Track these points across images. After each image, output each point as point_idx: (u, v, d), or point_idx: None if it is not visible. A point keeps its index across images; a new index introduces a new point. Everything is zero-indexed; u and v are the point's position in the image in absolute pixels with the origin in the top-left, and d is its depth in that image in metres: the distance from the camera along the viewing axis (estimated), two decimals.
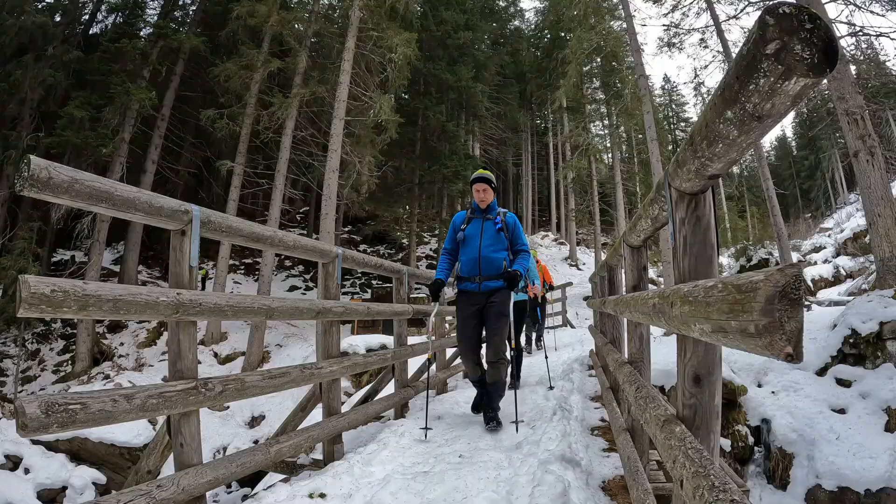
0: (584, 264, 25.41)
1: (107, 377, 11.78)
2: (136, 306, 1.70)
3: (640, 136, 22.69)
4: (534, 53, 34.09)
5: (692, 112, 41.03)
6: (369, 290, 20.13)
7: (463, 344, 3.74)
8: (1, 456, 7.78)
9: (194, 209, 2.03)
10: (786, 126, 46.47)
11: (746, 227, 30.31)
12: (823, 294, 13.77)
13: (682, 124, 41.45)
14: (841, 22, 9.05)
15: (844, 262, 16.03)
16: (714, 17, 14.16)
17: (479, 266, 3.63)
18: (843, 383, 4.91)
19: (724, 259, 19.69)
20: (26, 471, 7.78)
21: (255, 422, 10.29)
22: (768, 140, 44.60)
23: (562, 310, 12.78)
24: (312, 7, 15.25)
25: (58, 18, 15.53)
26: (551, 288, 9.71)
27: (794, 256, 15.54)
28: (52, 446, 8.19)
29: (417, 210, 22.26)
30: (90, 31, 17.87)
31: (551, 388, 4.79)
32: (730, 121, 0.87)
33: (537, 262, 7.44)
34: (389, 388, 4.62)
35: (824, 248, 19.14)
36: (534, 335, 8.04)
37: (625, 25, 15.26)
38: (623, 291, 3.68)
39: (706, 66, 16.94)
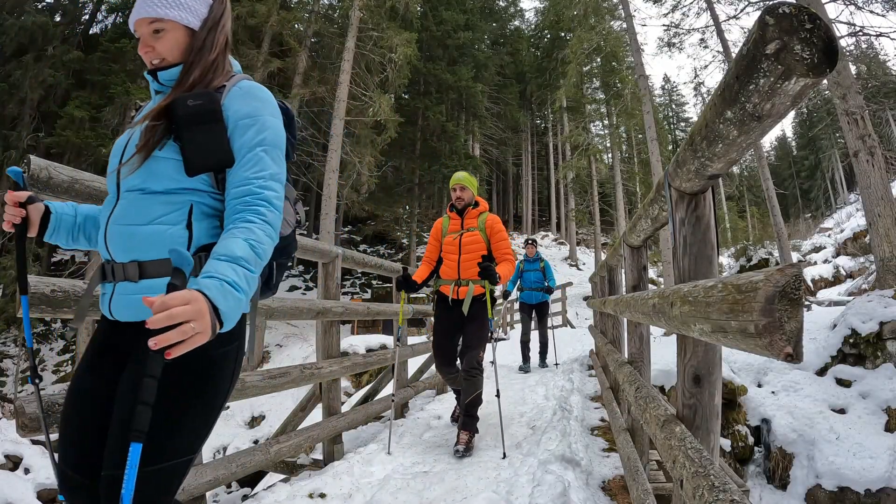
0: (584, 264, 25.45)
1: None
2: None
3: (640, 136, 22.68)
4: (534, 53, 34.14)
5: (692, 112, 41.14)
6: (369, 290, 20.15)
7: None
8: (1, 456, 7.78)
9: None
10: (786, 126, 46.56)
11: (746, 227, 30.32)
12: (823, 294, 13.77)
13: (682, 124, 41.54)
14: (841, 22, 9.02)
15: (844, 262, 16.02)
16: (714, 17, 14.15)
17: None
18: (843, 383, 4.92)
19: (724, 259, 19.69)
20: (26, 471, 7.78)
21: (255, 422, 10.28)
22: (768, 140, 44.71)
23: (562, 310, 12.79)
24: (312, 7, 15.26)
25: (58, 18, 15.55)
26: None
27: (794, 256, 15.54)
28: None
29: (417, 210, 22.28)
30: (90, 31, 17.85)
31: None
32: (730, 121, 0.87)
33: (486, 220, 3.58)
34: (389, 388, 4.61)
35: (824, 248, 19.14)
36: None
37: (625, 25, 15.26)
38: (623, 291, 3.67)
39: (706, 66, 16.91)
